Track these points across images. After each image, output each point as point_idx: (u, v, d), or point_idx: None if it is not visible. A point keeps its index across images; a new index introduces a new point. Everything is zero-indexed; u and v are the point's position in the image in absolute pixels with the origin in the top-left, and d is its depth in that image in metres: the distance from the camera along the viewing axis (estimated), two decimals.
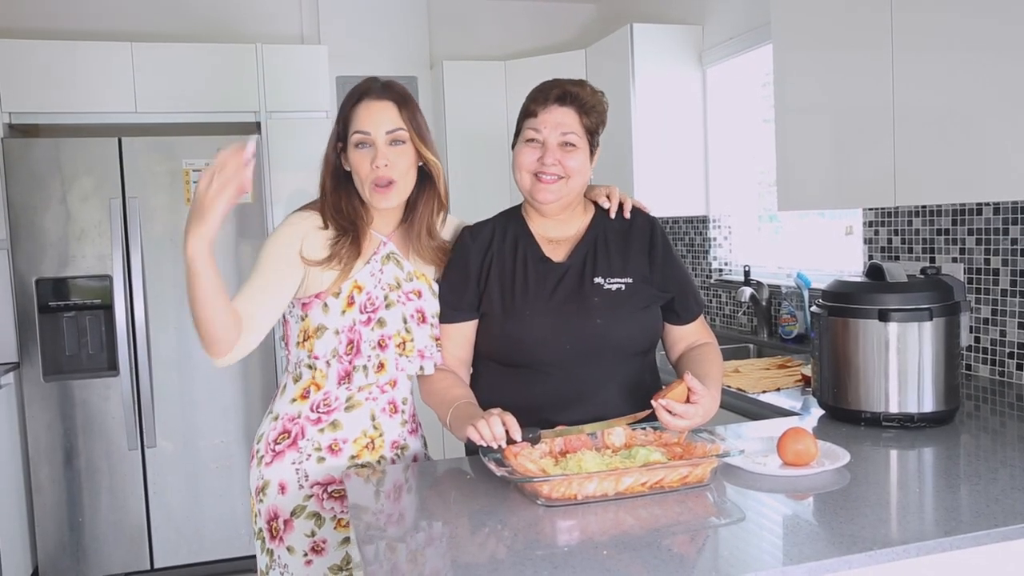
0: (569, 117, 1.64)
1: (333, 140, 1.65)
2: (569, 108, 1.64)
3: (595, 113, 1.66)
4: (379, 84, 1.62)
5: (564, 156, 1.63)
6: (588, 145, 1.67)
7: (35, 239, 3.33)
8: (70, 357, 3.39)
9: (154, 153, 3.43)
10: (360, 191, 1.63)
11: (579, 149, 1.64)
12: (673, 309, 1.74)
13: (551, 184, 1.63)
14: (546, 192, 1.64)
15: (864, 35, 2.13)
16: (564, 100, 1.64)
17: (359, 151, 1.59)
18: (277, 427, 1.67)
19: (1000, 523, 1.20)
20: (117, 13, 3.92)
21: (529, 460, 1.39)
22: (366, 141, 1.58)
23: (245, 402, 3.59)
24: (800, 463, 1.45)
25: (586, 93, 1.66)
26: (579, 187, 1.68)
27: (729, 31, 3.42)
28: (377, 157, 1.58)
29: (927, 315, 1.73)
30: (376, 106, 1.59)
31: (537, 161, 1.63)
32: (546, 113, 1.64)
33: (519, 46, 4.52)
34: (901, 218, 2.55)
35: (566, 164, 1.63)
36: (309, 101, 3.74)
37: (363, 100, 1.60)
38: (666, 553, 1.13)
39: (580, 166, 1.64)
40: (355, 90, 1.63)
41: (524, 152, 1.66)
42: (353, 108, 1.60)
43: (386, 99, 1.60)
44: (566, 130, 1.63)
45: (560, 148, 1.63)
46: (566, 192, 1.65)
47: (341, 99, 1.67)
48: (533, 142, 1.65)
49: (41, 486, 3.37)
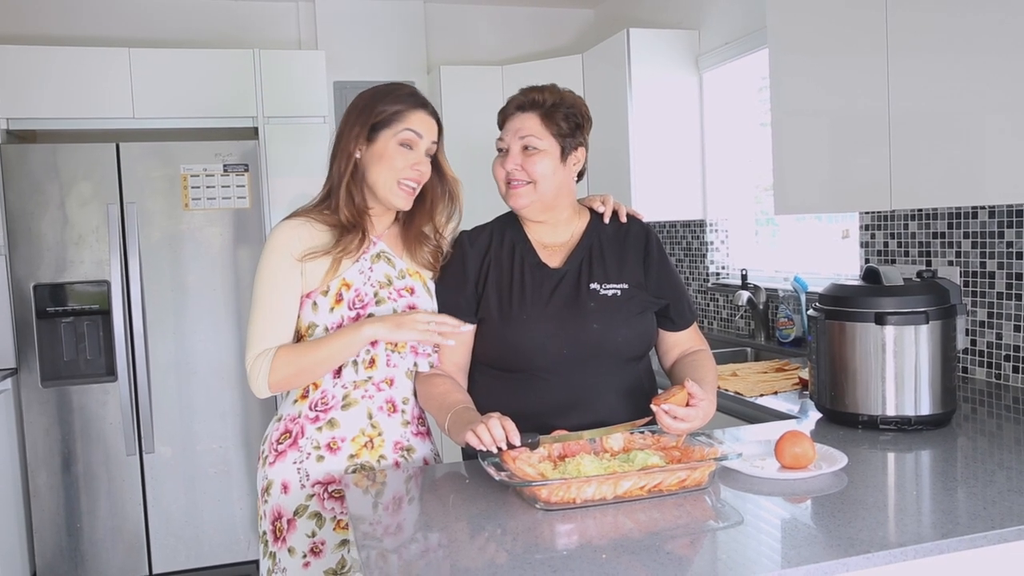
0: (529, 122, 1.66)
1: (358, 132, 1.65)
2: (529, 113, 1.67)
3: (561, 115, 1.66)
4: (430, 104, 1.70)
5: (526, 161, 1.65)
6: (558, 148, 1.66)
7: (33, 244, 3.33)
8: (68, 363, 3.39)
9: (152, 159, 3.44)
10: (379, 185, 1.65)
11: (542, 152, 1.65)
12: (668, 316, 1.75)
13: (518, 189, 1.66)
14: (516, 198, 1.67)
15: (860, 39, 2.14)
16: (524, 107, 1.68)
17: (401, 149, 1.64)
18: (280, 428, 1.70)
19: (997, 525, 1.21)
20: (115, 19, 3.93)
21: (528, 464, 1.39)
22: (413, 144, 1.65)
23: (243, 407, 3.59)
24: (798, 466, 1.46)
25: (547, 96, 1.67)
26: (551, 190, 1.67)
27: (725, 36, 3.43)
28: (421, 162, 1.66)
29: (923, 318, 1.74)
30: (430, 120, 1.68)
31: (504, 168, 1.67)
32: (509, 122, 1.70)
33: (516, 51, 4.53)
34: (897, 222, 2.55)
35: (528, 168, 1.65)
36: (307, 106, 3.75)
37: (421, 110, 1.67)
38: (665, 556, 1.13)
39: (546, 170, 1.65)
40: (409, 95, 1.68)
41: (495, 163, 1.71)
42: (411, 111, 1.65)
43: (434, 119, 1.70)
44: (524, 134, 1.65)
45: (522, 153, 1.65)
46: (536, 197, 1.66)
47: (339, 104, 1.69)
48: (501, 152, 1.70)
49: (39, 492, 3.36)
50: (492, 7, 4.48)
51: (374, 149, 1.64)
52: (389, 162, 1.63)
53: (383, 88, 1.68)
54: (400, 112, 1.64)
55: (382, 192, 1.65)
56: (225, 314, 3.55)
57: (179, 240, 3.48)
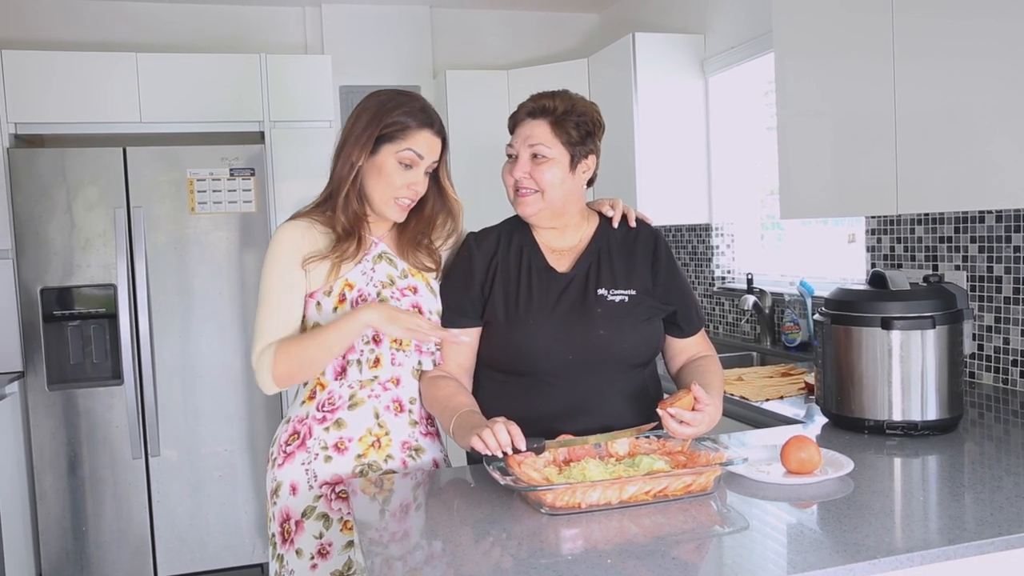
0: (539, 129, 1.64)
1: (363, 141, 1.64)
2: (540, 120, 1.64)
3: (571, 123, 1.63)
4: (438, 120, 1.69)
5: (535, 169, 1.63)
6: (567, 156, 1.64)
7: (40, 248, 3.34)
8: (74, 366, 3.40)
9: (159, 163, 3.45)
10: (374, 197, 1.66)
11: (551, 160, 1.63)
12: (675, 322, 1.75)
13: (527, 197, 1.65)
14: (524, 206, 1.66)
15: (866, 43, 2.13)
16: (535, 113, 1.65)
17: (400, 167, 1.64)
18: (288, 429, 1.71)
19: (1004, 531, 1.20)
20: (122, 24, 3.94)
21: (533, 469, 1.39)
22: (413, 163, 1.65)
23: (248, 411, 3.59)
24: (804, 471, 1.45)
25: (558, 103, 1.64)
26: (559, 199, 1.65)
27: (731, 40, 3.43)
28: (419, 182, 1.67)
29: (930, 323, 1.74)
30: (435, 140, 1.67)
31: (512, 176, 1.66)
32: (519, 128, 1.68)
33: (522, 55, 4.53)
34: (904, 226, 2.55)
35: (537, 177, 1.63)
36: (313, 111, 3.76)
37: (427, 130, 1.65)
38: (670, 561, 1.13)
39: (554, 179, 1.63)
40: (419, 110, 1.66)
41: (505, 169, 1.70)
42: (417, 131, 1.64)
43: (439, 138, 1.69)
44: (534, 142, 1.63)
45: (531, 161, 1.64)
46: (544, 205, 1.65)
47: (345, 108, 1.70)
48: (510, 158, 1.69)
49: (45, 494, 3.37)
50: (498, 11, 4.49)
51: (374, 161, 1.64)
52: (387, 179, 1.64)
53: (396, 98, 1.66)
54: (407, 129, 1.63)
55: (377, 205, 1.67)
56: (231, 318, 3.56)
57: (185, 244, 3.49)
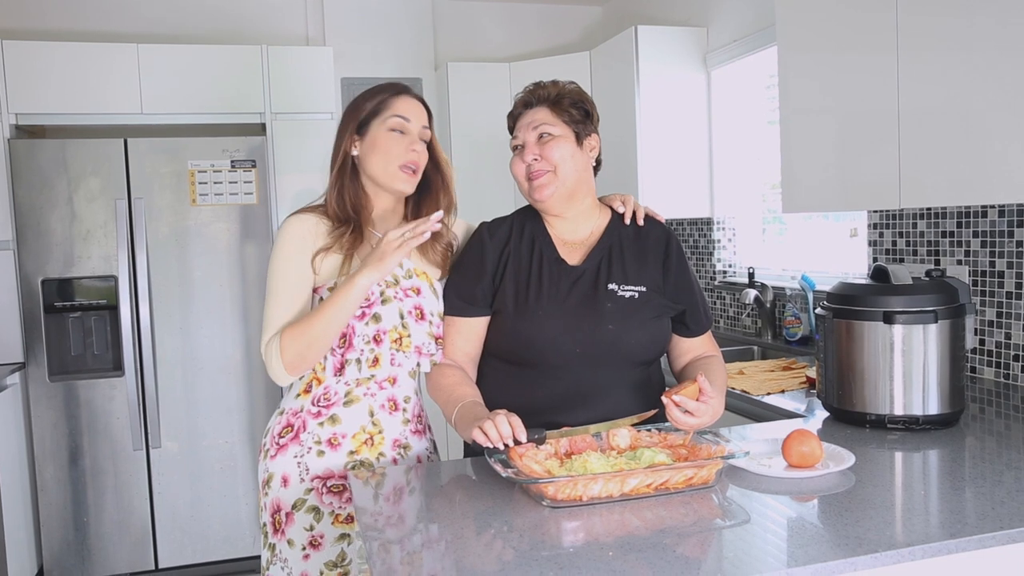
0: (540, 114, 1.69)
1: (350, 131, 1.69)
2: (538, 107, 1.70)
3: (567, 103, 1.68)
4: (412, 89, 1.74)
5: (543, 148, 1.66)
6: (572, 133, 1.68)
7: (41, 240, 3.34)
8: (75, 357, 3.40)
9: (160, 154, 3.44)
10: (379, 174, 1.67)
11: (559, 138, 1.67)
12: (683, 321, 1.75)
13: (541, 178, 1.67)
14: (540, 189, 1.67)
15: (869, 37, 2.13)
16: (531, 103, 1.71)
17: (392, 135, 1.67)
18: (282, 421, 1.71)
19: (1005, 525, 1.20)
20: (123, 15, 3.93)
21: (534, 461, 1.39)
22: (403, 128, 1.67)
23: (249, 403, 3.59)
24: (805, 465, 1.45)
25: (551, 89, 1.70)
26: (572, 176, 1.67)
27: (733, 33, 3.42)
28: (414, 143, 1.68)
29: (932, 317, 1.73)
30: (414, 103, 1.72)
31: (523, 163, 1.68)
32: (519, 119, 1.72)
33: (524, 48, 4.52)
34: (906, 220, 2.54)
35: (547, 155, 1.66)
36: (314, 102, 3.74)
37: (404, 95, 1.71)
38: (671, 554, 1.13)
39: (564, 153, 1.66)
40: (389, 86, 1.72)
41: (514, 162, 1.72)
42: (394, 97, 1.70)
43: (420, 102, 1.73)
44: (538, 124, 1.67)
45: (538, 143, 1.67)
46: (559, 183, 1.66)
47: (346, 100, 1.71)
48: (517, 149, 1.71)
49: (46, 486, 3.38)
50: (500, 4, 4.48)
51: (367, 141, 1.67)
52: (384, 149, 1.66)
53: (365, 91, 1.73)
54: (384, 100, 1.69)
55: (384, 180, 1.67)
56: (232, 310, 3.56)
57: (186, 236, 3.49)
